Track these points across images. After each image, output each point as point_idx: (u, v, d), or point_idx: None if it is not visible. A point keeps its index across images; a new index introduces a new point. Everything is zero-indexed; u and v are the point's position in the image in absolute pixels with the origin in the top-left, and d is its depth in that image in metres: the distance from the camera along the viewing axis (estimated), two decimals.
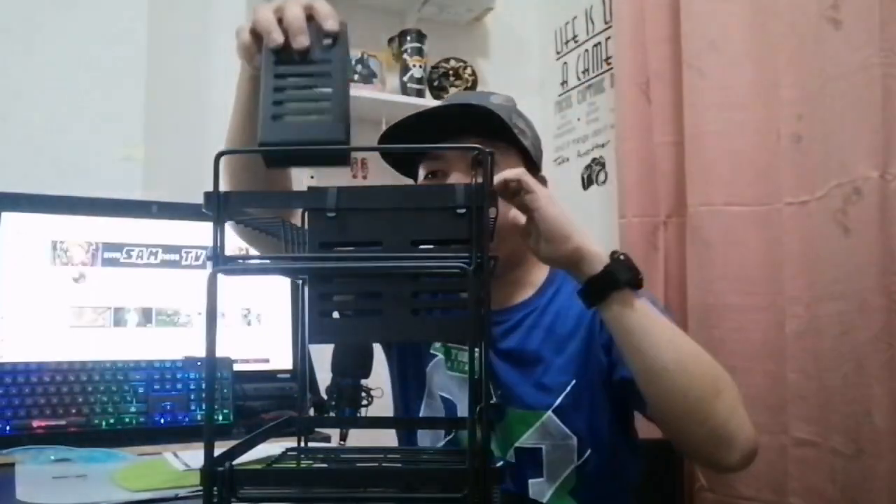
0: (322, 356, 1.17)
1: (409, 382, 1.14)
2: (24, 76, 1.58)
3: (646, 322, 0.86)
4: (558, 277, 1.11)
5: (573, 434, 0.99)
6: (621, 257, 0.87)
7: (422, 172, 1.08)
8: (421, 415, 1.11)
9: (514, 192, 0.85)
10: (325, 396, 1.37)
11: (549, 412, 1.00)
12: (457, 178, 1.02)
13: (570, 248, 0.85)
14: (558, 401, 1.00)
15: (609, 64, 1.99)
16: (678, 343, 0.87)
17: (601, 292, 0.86)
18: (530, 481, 1.00)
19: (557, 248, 0.85)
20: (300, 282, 0.65)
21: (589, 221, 1.97)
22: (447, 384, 1.08)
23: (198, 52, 1.95)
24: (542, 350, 1.04)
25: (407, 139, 1.04)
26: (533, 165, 1.10)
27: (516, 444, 1.00)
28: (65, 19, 1.62)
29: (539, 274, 1.12)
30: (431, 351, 1.12)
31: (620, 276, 0.85)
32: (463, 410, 1.05)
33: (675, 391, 0.86)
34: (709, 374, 0.88)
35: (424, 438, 1.13)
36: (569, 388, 1.01)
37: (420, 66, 2.05)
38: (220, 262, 0.57)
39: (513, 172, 0.84)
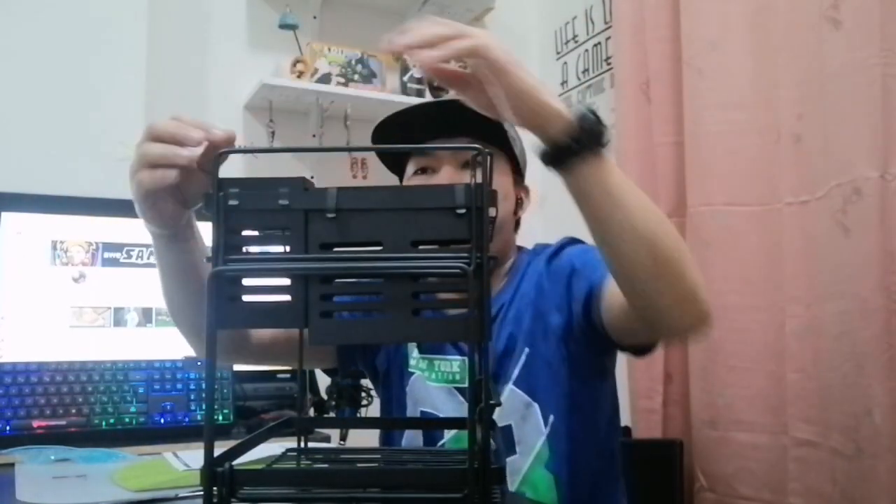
0: None
1: (392, 405, 1.13)
2: (23, 75, 1.58)
3: (612, 186, 0.79)
4: (522, 263, 1.09)
5: (533, 401, 0.99)
6: (590, 115, 0.79)
7: (411, 169, 1.07)
8: (404, 436, 1.10)
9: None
10: (325, 396, 1.37)
11: (510, 385, 1.00)
12: (447, 173, 1.02)
13: (531, 112, 0.78)
14: (516, 372, 1.01)
15: (609, 64, 1.99)
16: (646, 208, 0.81)
17: (563, 158, 0.79)
18: (506, 460, 1.00)
19: (520, 112, 0.78)
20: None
21: None
22: (429, 398, 1.07)
23: (198, 52, 1.95)
24: (509, 343, 1.04)
25: (399, 133, 1.03)
26: (519, 175, 1.11)
27: None
28: (65, 19, 1.62)
29: (506, 265, 1.11)
30: (409, 369, 1.10)
31: (583, 140, 0.77)
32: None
33: (640, 256, 0.80)
34: (675, 238, 0.82)
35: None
36: (523, 357, 1.01)
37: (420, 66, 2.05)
38: (220, 262, 0.57)
39: (465, 45, 0.74)
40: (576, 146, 0.77)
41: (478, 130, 1.00)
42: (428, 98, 2.06)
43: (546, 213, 1.75)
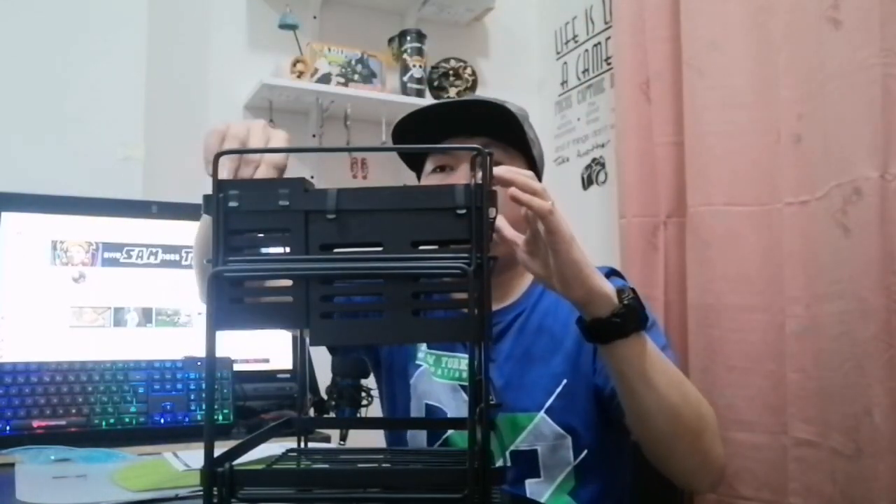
0: (322, 356, 1.17)
1: (395, 396, 1.14)
2: (23, 75, 1.58)
3: (646, 368, 0.85)
4: None
5: (567, 433, 0.99)
6: (630, 300, 0.83)
7: (429, 166, 1.08)
8: (409, 431, 1.11)
9: (533, 219, 0.80)
10: (325, 396, 1.37)
11: (542, 413, 0.99)
12: (464, 171, 1.02)
13: (583, 292, 0.82)
14: (550, 401, 1.00)
15: (609, 64, 1.99)
16: (673, 386, 0.88)
17: (604, 337, 0.85)
18: (527, 481, 1.00)
19: (570, 290, 0.82)
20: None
21: (589, 221, 1.97)
22: (435, 392, 1.07)
23: (198, 52, 1.95)
24: (532, 352, 1.03)
25: (421, 131, 1.04)
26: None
27: (511, 448, 0.99)
28: (64, 19, 1.62)
29: (528, 275, 1.11)
30: (416, 361, 1.11)
31: (628, 325, 0.83)
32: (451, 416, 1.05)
33: (665, 433, 0.89)
34: (696, 413, 0.90)
35: (413, 444, 1.12)
36: (560, 387, 1.00)
37: (420, 66, 2.05)
38: (220, 262, 0.57)
39: (545, 206, 0.78)
40: (619, 325, 0.83)
41: (497, 131, 1.01)
42: (428, 98, 2.06)
43: None
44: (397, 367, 1.13)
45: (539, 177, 1.12)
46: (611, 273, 1.08)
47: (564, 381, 1.00)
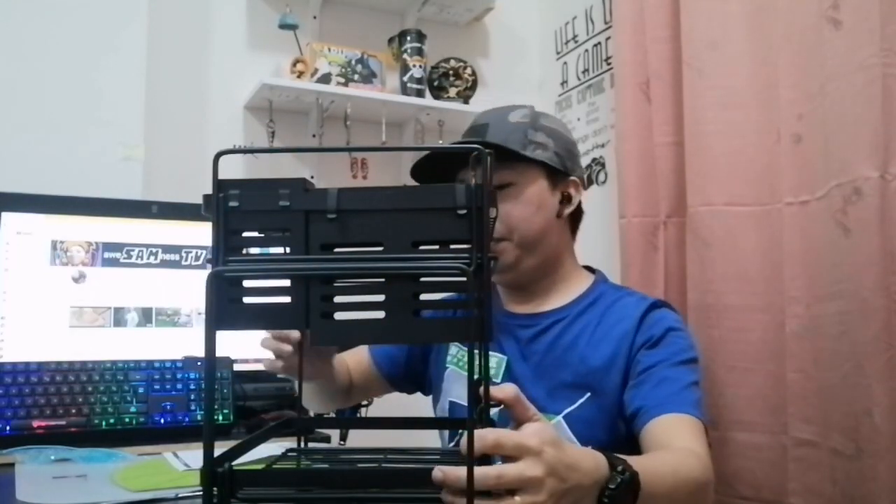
0: None
1: (435, 398, 1.20)
2: (24, 75, 1.58)
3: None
4: (597, 289, 1.12)
5: (579, 443, 0.99)
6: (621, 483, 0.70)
7: None
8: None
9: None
10: None
11: (559, 418, 1.01)
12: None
13: None
14: (570, 409, 1.02)
15: (609, 64, 1.99)
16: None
17: None
18: None
19: None
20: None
21: (589, 221, 1.97)
22: (459, 389, 1.11)
23: (198, 52, 1.95)
24: (564, 358, 1.06)
25: (434, 168, 1.10)
26: (560, 174, 1.13)
27: None
28: (65, 19, 1.62)
29: (578, 285, 1.14)
30: (446, 364, 1.16)
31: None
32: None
33: None
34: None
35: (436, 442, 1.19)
36: (583, 399, 1.03)
37: (420, 66, 2.05)
38: (220, 262, 0.57)
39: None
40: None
41: (507, 158, 1.04)
42: (428, 98, 2.06)
43: None
44: (437, 372, 1.18)
45: (567, 170, 1.13)
46: (660, 305, 1.11)
47: (588, 394, 1.03)
